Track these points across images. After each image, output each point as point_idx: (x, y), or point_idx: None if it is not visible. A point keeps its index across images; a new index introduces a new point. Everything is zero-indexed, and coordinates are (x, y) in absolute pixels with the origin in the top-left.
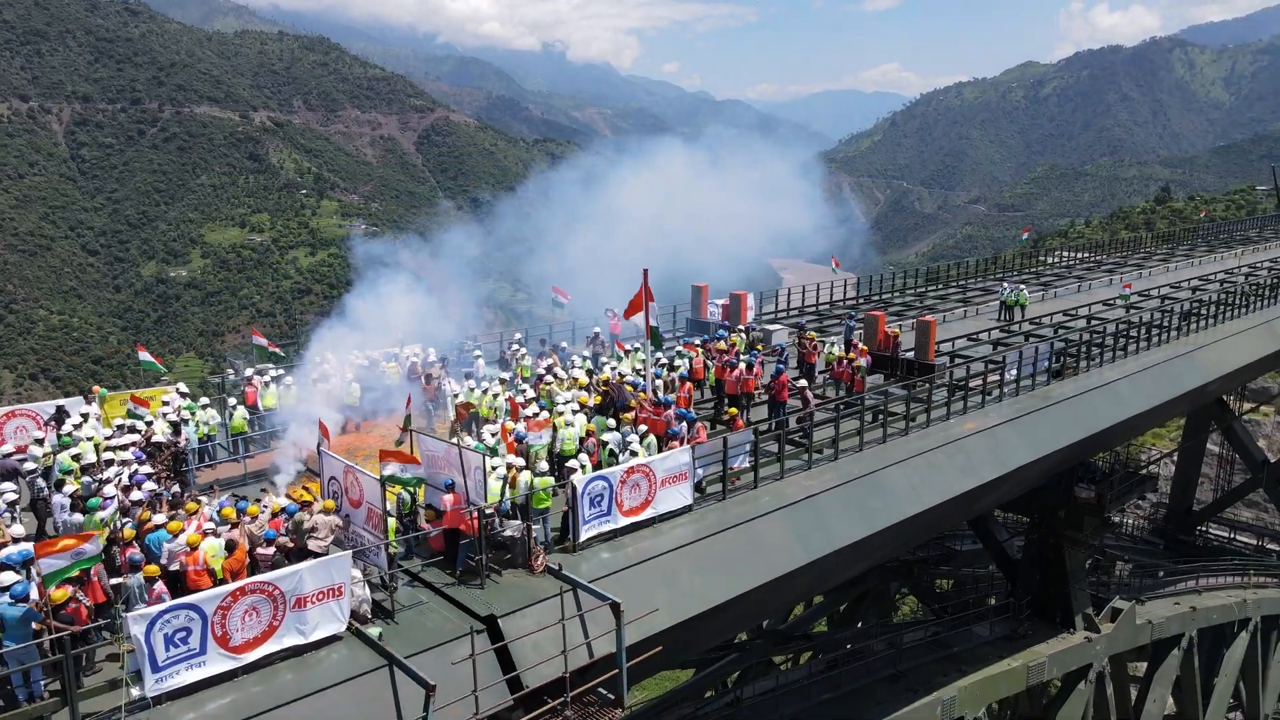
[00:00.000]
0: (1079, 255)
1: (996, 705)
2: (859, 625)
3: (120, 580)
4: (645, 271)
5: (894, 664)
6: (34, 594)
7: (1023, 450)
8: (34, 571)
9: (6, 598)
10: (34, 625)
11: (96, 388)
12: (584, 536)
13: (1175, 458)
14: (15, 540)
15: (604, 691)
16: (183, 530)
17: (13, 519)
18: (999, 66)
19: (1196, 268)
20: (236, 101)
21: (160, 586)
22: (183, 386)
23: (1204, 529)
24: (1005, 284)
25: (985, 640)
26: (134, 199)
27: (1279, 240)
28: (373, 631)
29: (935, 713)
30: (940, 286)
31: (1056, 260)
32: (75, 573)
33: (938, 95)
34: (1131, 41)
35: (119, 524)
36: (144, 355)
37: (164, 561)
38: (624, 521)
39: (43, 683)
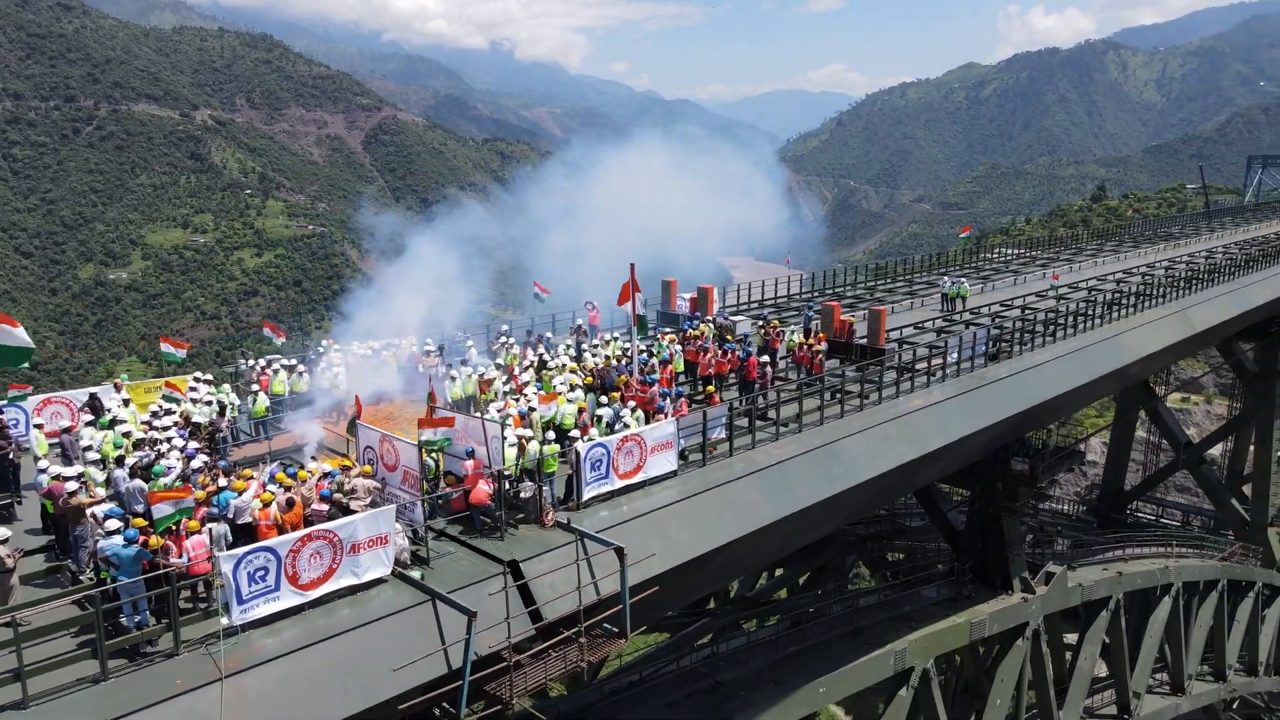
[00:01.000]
0: (1015, 251)
1: (945, 664)
2: (819, 592)
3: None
4: (632, 266)
5: (851, 622)
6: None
7: (962, 423)
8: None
9: (120, 540)
10: (142, 564)
11: (119, 379)
12: (586, 496)
13: (1108, 442)
14: (105, 500)
15: (609, 626)
16: (246, 489)
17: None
18: (941, 67)
19: (1122, 262)
20: (176, 99)
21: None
22: (202, 374)
23: (1134, 508)
24: (947, 278)
25: (933, 601)
26: (70, 199)
27: (1199, 236)
28: (413, 574)
29: (889, 663)
30: (888, 281)
31: (994, 256)
32: (174, 521)
33: (883, 95)
34: (1067, 44)
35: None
36: (165, 347)
37: (230, 515)
38: (620, 484)
39: (148, 613)
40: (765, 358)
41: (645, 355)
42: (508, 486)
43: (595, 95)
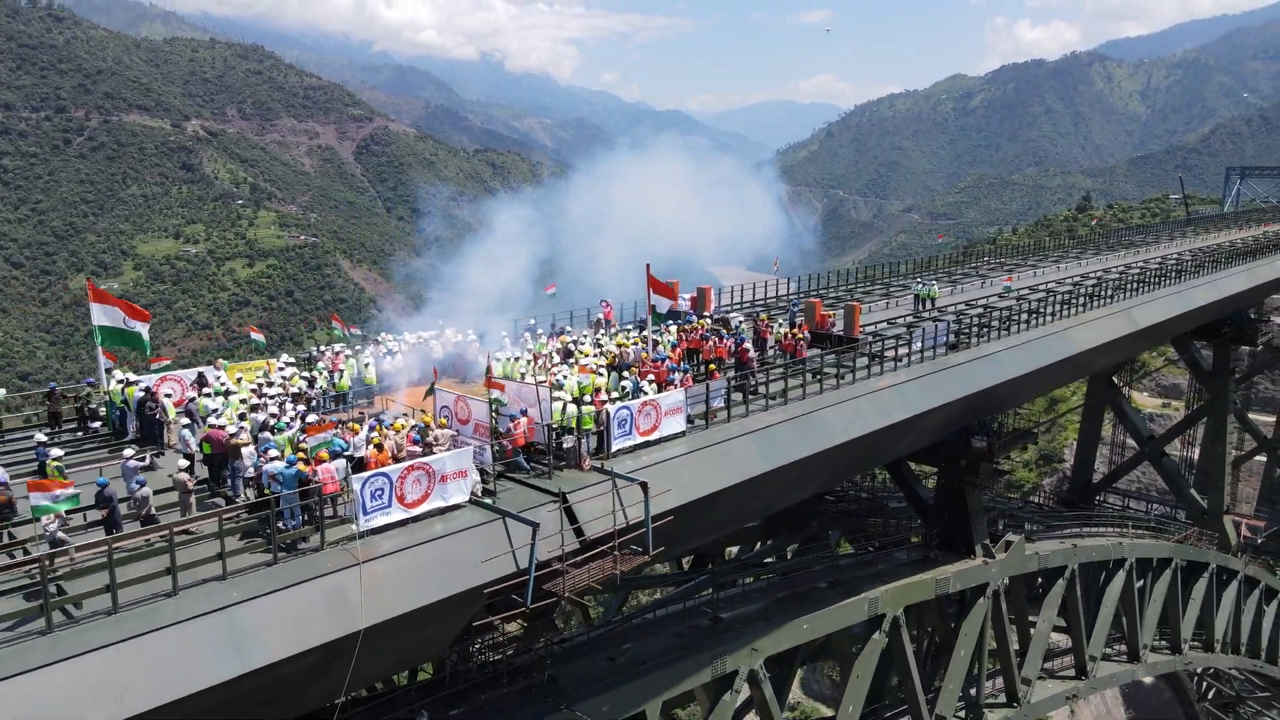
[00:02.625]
0: (985, 259)
1: (915, 621)
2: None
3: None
4: (648, 266)
5: (831, 576)
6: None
7: (924, 401)
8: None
9: (284, 464)
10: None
11: (220, 360)
12: (614, 449)
13: (1078, 436)
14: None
15: (635, 547)
16: (359, 434)
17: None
18: (929, 79)
19: (1083, 266)
20: (168, 110)
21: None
22: (288, 356)
23: (1102, 498)
24: (919, 281)
25: (903, 562)
26: (60, 210)
27: (1158, 244)
28: (485, 501)
29: (863, 609)
30: (868, 284)
31: (979, 264)
32: (319, 452)
33: (871, 106)
34: (1053, 55)
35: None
36: (254, 334)
37: (349, 452)
38: (640, 440)
39: (301, 518)
40: (752, 349)
41: (655, 341)
42: (555, 435)
43: (586, 106)
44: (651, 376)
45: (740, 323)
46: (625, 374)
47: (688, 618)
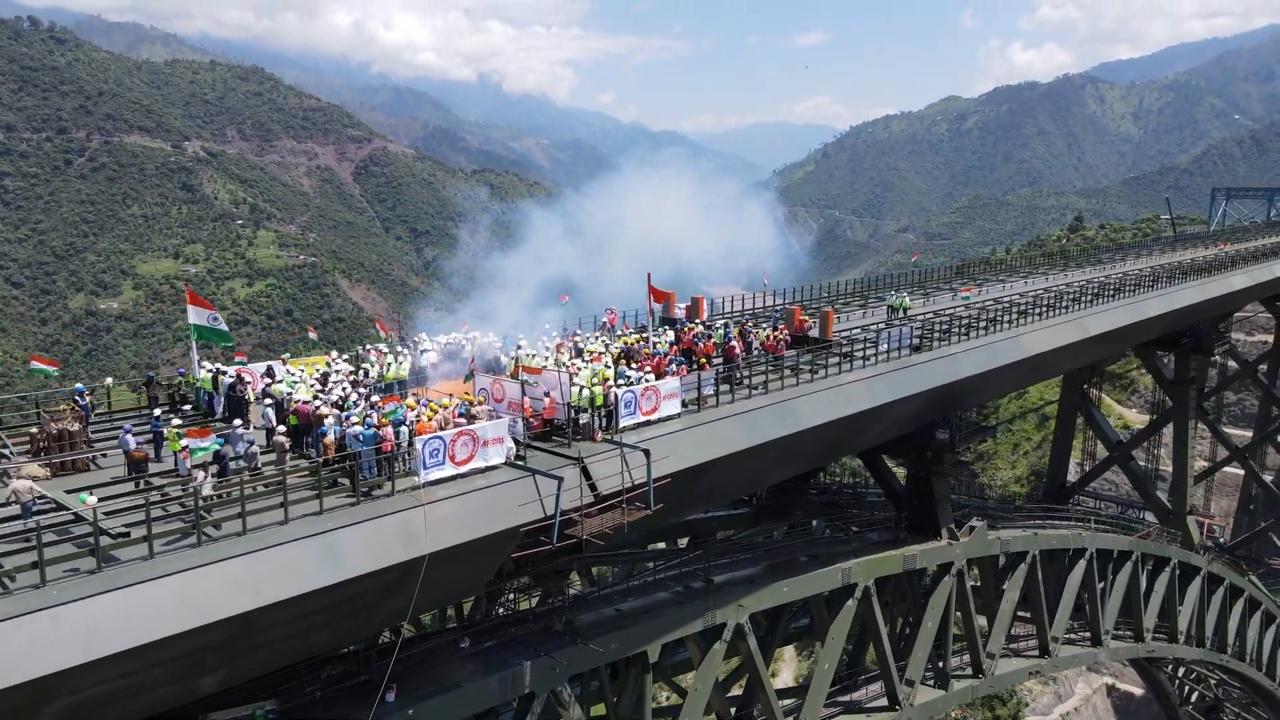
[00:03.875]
0: (960, 275)
1: (886, 596)
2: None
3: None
4: (649, 275)
5: (811, 550)
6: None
7: (887, 393)
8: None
9: (363, 428)
10: (374, 444)
11: (284, 356)
12: (622, 425)
13: (1052, 442)
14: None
15: (639, 503)
16: (413, 410)
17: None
18: (924, 100)
19: (1049, 280)
20: (168, 131)
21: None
22: (336, 354)
23: (1075, 500)
24: (893, 292)
25: (875, 542)
26: (61, 230)
27: (1123, 261)
28: (518, 463)
29: (838, 577)
30: (848, 297)
31: (943, 275)
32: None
33: (867, 128)
34: (1046, 78)
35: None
36: (312, 334)
37: (404, 420)
38: (642, 419)
39: (375, 470)
40: (735, 343)
41: (656, 338)
42: (574, 413)
43: (583, 127)
44: (648, 368)
45: (732, 326)
46: (632, 365)
47: (684, 579)
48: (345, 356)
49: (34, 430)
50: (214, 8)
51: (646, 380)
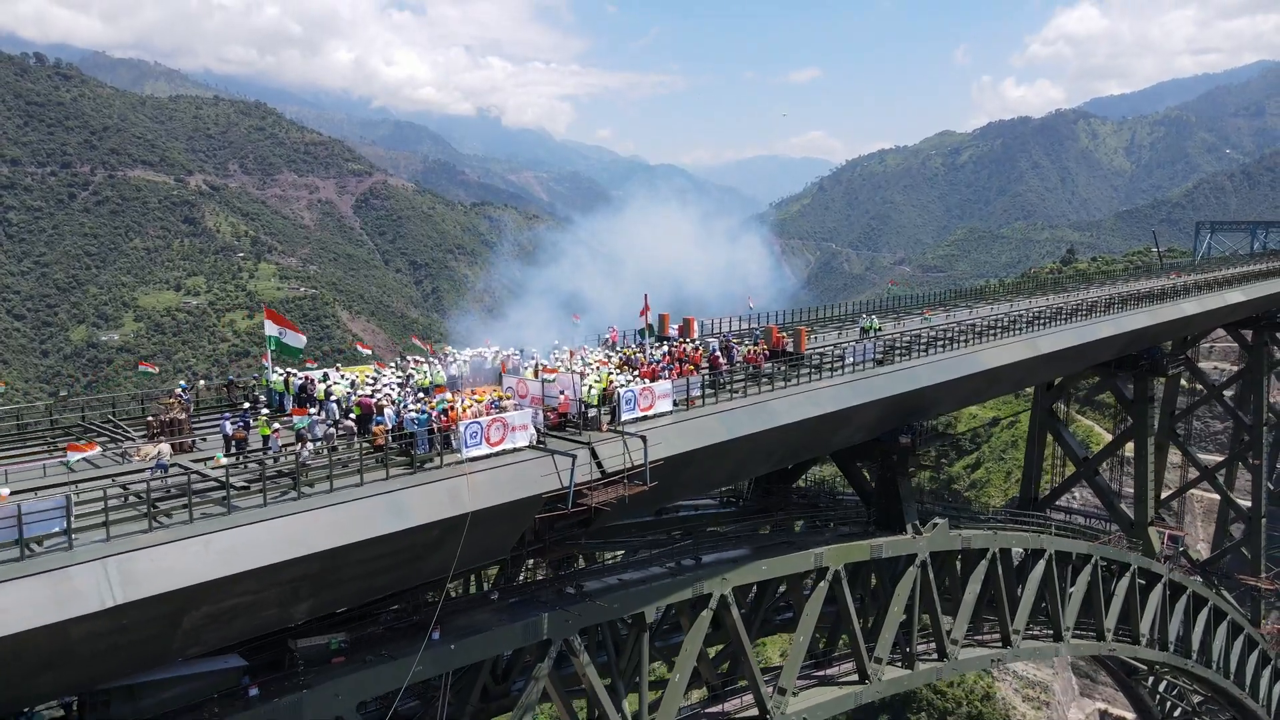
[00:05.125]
0: (931, 301)
1: (856, 583)
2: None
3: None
4: (645, 295)
5: (788, 538)
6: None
7: (851, 399)
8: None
9: (419, 413)
10: (429, 425)
11: (338, 365)
12: (623, 419)
13: (1024, 458)
14: (392, 404)
15: (637, 481)
16: (455, 403)
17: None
18: (918, 135)
19: (1012, 306)
20: (171, 165)
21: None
22: (383, 364)
23: (1047, 513)
24: (864, 315)
25: (846, 534)
26: (63, 262)
27: (1087, 290)
28: (540, 445)
29: (810, 560)
30: (826, 320)
31: (915, 302)
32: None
33: (862, 161)
34: (1039, 113)
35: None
36: (364, 350)
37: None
38: (640, 414)
39: (428, 447)
40: (719, 355)
41: (652, 349)
42: (583, 408)
43: (581, 160)
44: (638, 373)
45: (719, 343)
46: (632, 373)
47: (677, 556)
48: (391, 365)
49: (150, 419)
50: (217, 44)
51: (643, 384)
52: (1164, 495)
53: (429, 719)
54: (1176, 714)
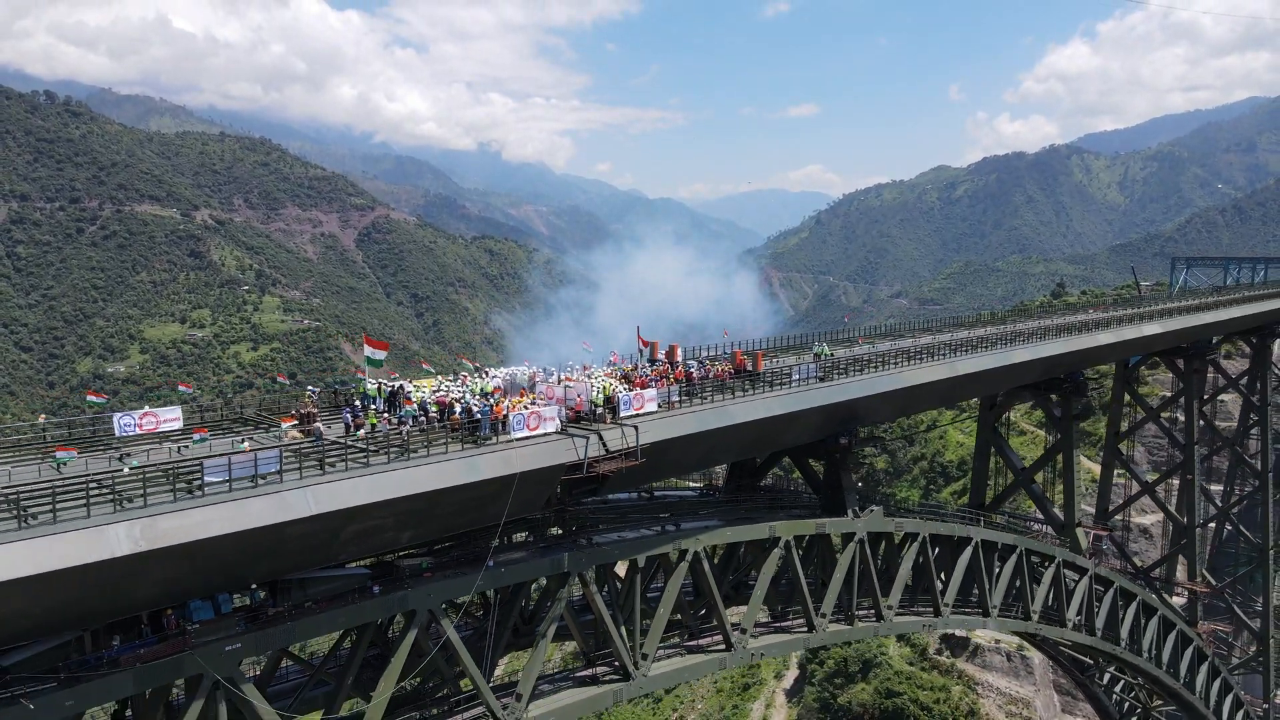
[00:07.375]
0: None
1: (805, 557)
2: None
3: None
4: (638, 327)
5: (749, 515)
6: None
7: (795, 405)
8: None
9: (481, 407)
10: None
11: (409, 378)
12: (622, 415)
13: (971, 469)
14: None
15: (632, 456)
16: (504, 401)
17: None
18: (914, 169)
19: (953, 335)
20: (178, 200)
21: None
22: (443, 375)
23: (990, 517)
24: (817, 342)
25: (798, 515)
26: (71, 296)
27: (1024, 321)
28: (563, 432)
29: (765, 530)
30: (785, 348)
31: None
32: (496, 404)
33: (859, 195)
34: (1033, 148)
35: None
36: (426, 366)
37: (496, 403)
38: (634, 412)
39: (488, 430)
40: (694, 370)
41: (643, 368)
42: (593, 408)
43: (580, 194)
44: (633, 384)
45: (696, 365)
46: (629, 384)
47: (662, 523)
48: (451, 377)
49: (294, 412)
50: (222, 81)
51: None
52: (1110, 508)
53: (483, 631)
54: (1135, 714)
